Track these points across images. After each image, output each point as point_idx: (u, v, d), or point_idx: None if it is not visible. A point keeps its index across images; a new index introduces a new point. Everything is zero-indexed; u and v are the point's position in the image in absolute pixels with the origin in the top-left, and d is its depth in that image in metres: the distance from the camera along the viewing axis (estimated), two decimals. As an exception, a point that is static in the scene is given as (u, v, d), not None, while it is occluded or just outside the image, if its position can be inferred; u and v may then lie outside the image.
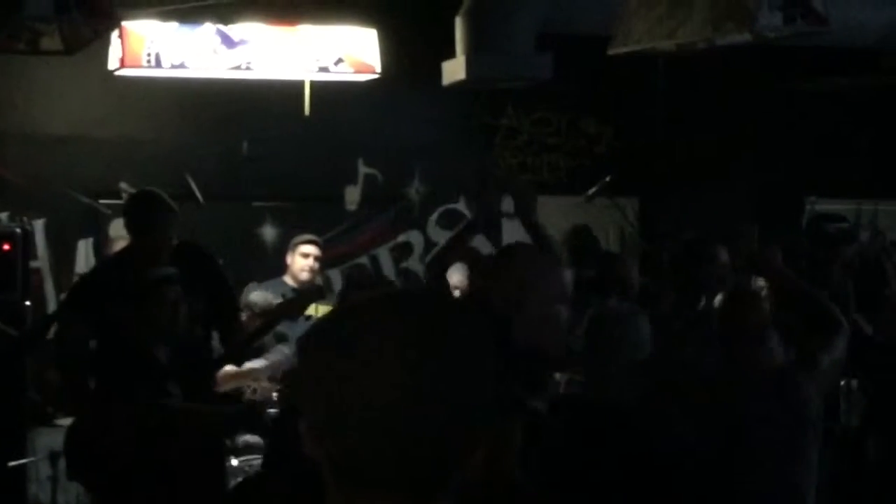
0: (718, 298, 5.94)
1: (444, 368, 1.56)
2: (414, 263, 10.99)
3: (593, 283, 7.51)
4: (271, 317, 7.26)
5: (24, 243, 8.51)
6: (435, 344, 1.58)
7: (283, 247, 9.35)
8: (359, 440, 1.56)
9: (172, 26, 8.67)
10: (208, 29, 8.72)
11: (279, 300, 8.01)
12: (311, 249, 8.94)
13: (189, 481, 5.66)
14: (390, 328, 1.59)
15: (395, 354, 1.56)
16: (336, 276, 10.68)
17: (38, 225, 9.93)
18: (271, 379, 8.50)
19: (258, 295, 8.19)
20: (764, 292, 8.28)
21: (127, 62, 8.51)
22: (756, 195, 10.95)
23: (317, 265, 8.96)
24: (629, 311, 4.92)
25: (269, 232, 10.52)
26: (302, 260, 8.89)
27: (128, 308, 6.09)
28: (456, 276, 9.64)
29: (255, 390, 7.84)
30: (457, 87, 8.96)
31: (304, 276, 8.80)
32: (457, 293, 9.46)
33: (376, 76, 9.08)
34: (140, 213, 6.52)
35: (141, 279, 6.09)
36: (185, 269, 6.19)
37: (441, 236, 11.03)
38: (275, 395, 8.24)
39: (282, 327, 7.48)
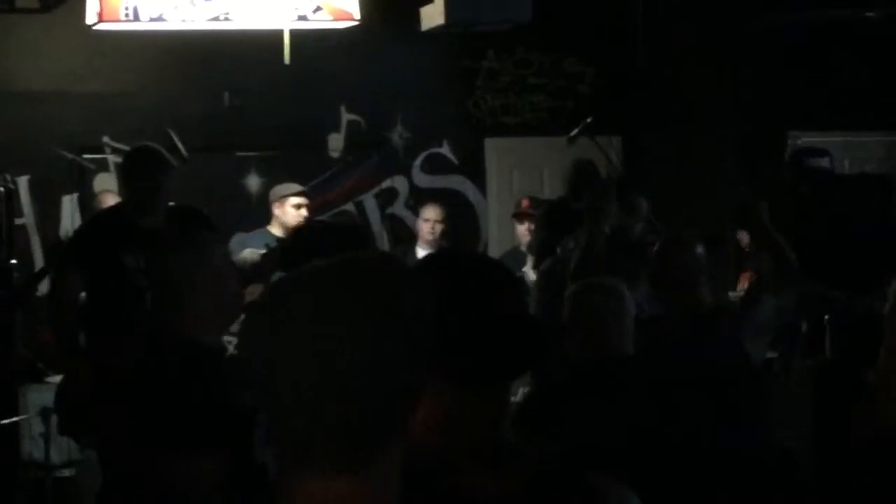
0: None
1: (356, 337, 1.56)
2: (399, 208, 11.00)
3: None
4: (244, 278, 7.26)
5: (9, 201, 8.53)
6: (346, 312, 1.57)
7: (268, 196, 9.35)
8: (288, 417, 1.57)
9: (149, -21, 8.62)
10: (185, -20, 8.67)
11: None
12: (303, 200, 8.94)
13: None
14: (301, 303, 1.59)
15: (308, 330, 1.57)
16: (322, 224, 10.69)
17: (23, 182, 9.93)
18: None
19: (249, 252, 8.13)
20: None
21: (105, 16, 8.46)
22: (739, 130, 10.95)
23: (308, 215, 8.95)
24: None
25: (253, 182, 10.52)
26: (294, 211, 8.86)
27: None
28: (431, 211, 9.68)
29: None
30: (436, 31, 8.92)
31: (299, 227, 8.79)
32: (437, 227, 9.52)
33: (355, 23, 9.03)
34: (140, 166, 6.59)
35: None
36: (178, 228, 6.37)
37: (425, 181, 11.03)
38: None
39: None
